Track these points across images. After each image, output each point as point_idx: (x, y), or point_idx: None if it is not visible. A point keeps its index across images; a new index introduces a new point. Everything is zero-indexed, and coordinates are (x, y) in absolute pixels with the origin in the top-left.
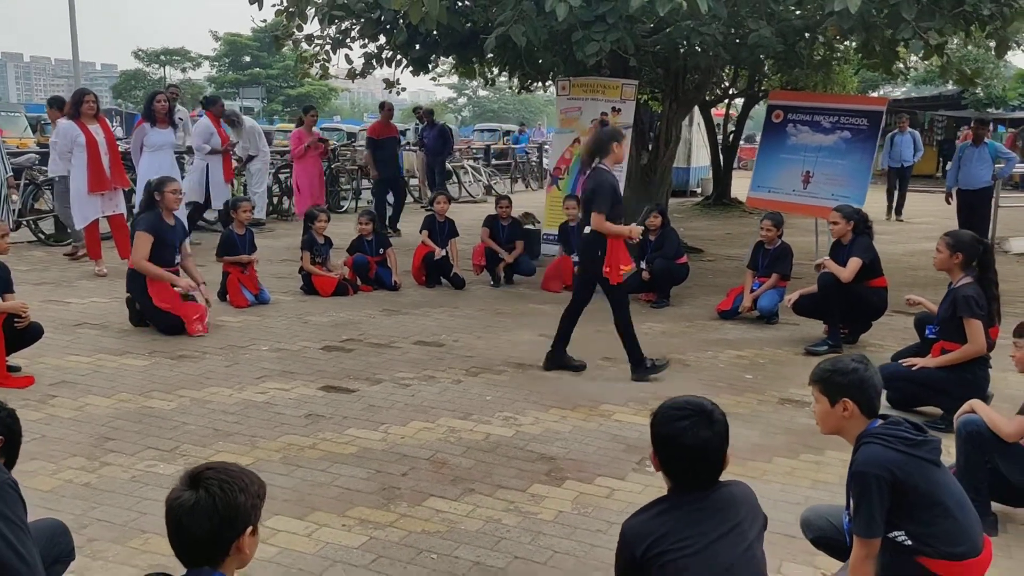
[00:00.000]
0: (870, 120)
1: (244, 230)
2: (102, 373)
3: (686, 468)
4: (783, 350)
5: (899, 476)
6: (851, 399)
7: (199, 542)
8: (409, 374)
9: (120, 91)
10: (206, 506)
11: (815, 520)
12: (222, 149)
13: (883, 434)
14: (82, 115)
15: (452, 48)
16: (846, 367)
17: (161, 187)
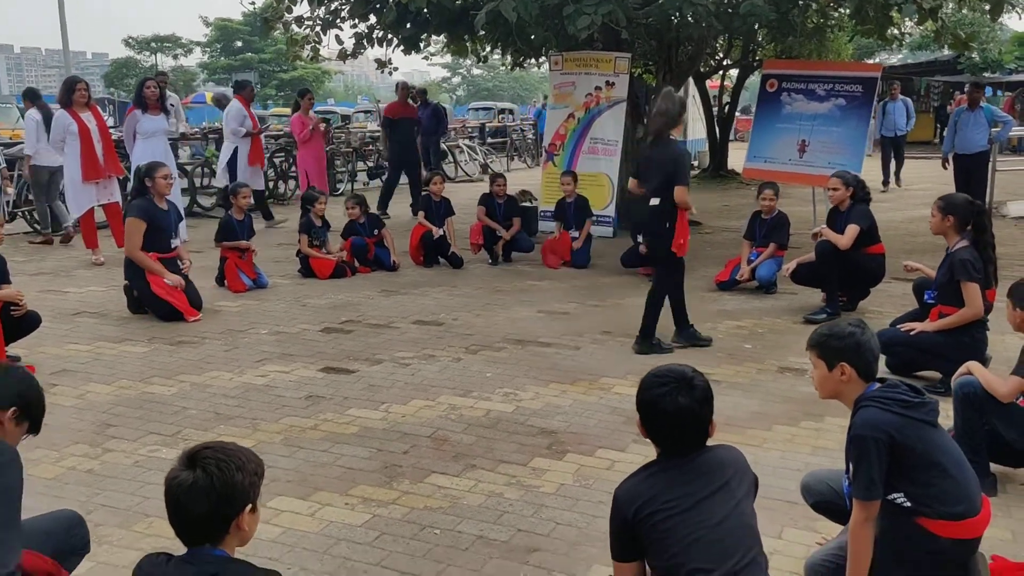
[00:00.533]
0: (865, 87)
1: (243, 216)
2: (102, 361)
3: (668, 434)
4: (782, 319)
5: (897, 438)
6: (848, 363)
7: (198, 521)
8: (409, 353)
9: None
10: (203, 485)
11: (815, 485)
12: (253, 132)
13: (880, 397)
14: (74, 103)
15: (443, 26)
16: (843, 331)
17: (151, 172)
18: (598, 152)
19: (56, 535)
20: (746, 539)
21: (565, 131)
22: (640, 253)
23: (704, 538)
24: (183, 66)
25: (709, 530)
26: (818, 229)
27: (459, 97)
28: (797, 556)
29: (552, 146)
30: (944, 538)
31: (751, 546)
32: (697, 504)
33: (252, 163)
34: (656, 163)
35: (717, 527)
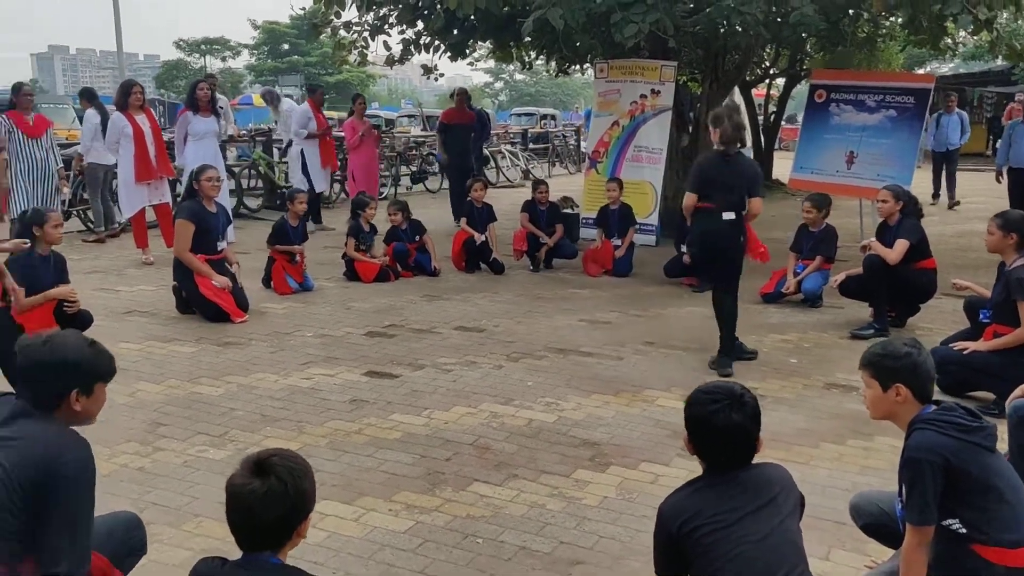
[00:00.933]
0: (917, 98)
1: (298, 221)
2: (152, 359)
3: (718, 450)
4: (828, 334)
5: (953, 462)
6: (904, 384)
7: (268, 528)
8: (451, 359)
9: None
10: (279, 493)
11: (865, 506)
12: (317, 134)
13: (937, 420)
14: (130, 106)
15: (489, 32)
16: (898, 351)
17: (198, 175)
18: (642, 160)
19: (116, 536)
20: (791, 556)
21: (609, 138)
22: (684, 263)
23: (748, 554)
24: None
25: (753, 546)
26: (867, 242)
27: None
28: None
29: (596, 153)
30: (999, 566)
31: (796, 563)
32: (742, 519)
33: (324, 165)
34: (735, 176)
35: (761, 543)
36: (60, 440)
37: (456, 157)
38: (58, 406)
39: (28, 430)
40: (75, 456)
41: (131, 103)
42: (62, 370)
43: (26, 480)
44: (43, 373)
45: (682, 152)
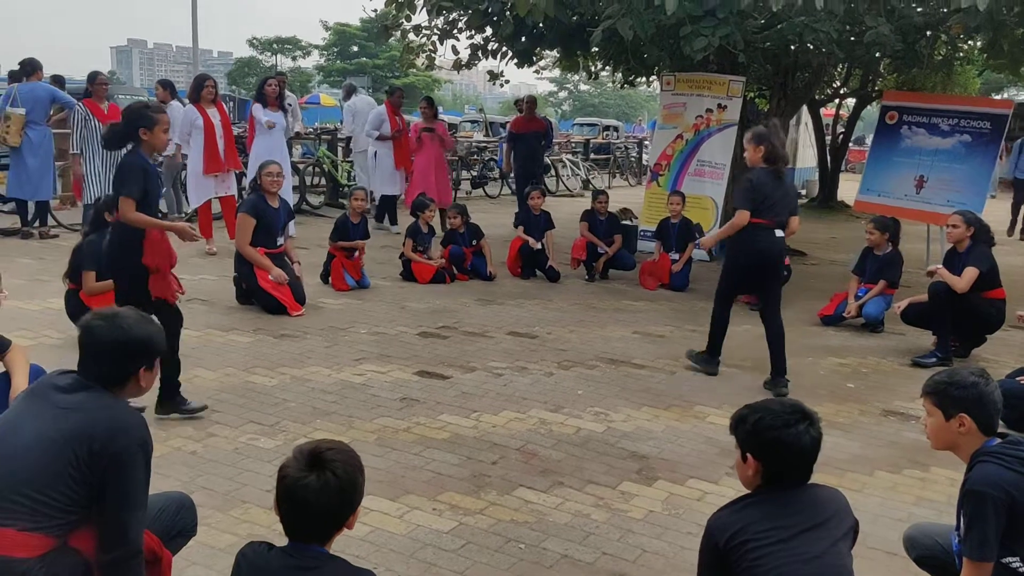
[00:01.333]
0: (993, 124)
1: (359, 218)
2: (210, 347)
3: (792, 469)
4: (888, 360)
5: (1017, 498)
6: (968, 414)
7: (318, 521)
8: (502, 364)
9: (235, 78)
10: (334, 487)
11: (920, 539)
12: (390, 135)
13: (1002, 453)
14: (202, 99)
15: (557, 40)
16: (965, 380)
17: (260, 169)
18: (704, 175)
19: (166, 516)
20: None
21: (672, 151)
22: None
23: (797, 572)
24: (300, 67)
25: (802, 564)
26: (933, 268)
27: (564, 112)
28: None
29: (658, 166)
30: None
31: None
32: (793, 538)
33: (398, 166)
34: (787, 194)
35: (811, 563)
36: (123, 416)
37: (524, 164)
38: (125, 383)
39: (90, 403)
40: (137, 433)
41: (203, 96)
42: (135, 348)
43: (85, 453)
44: (116, 352)
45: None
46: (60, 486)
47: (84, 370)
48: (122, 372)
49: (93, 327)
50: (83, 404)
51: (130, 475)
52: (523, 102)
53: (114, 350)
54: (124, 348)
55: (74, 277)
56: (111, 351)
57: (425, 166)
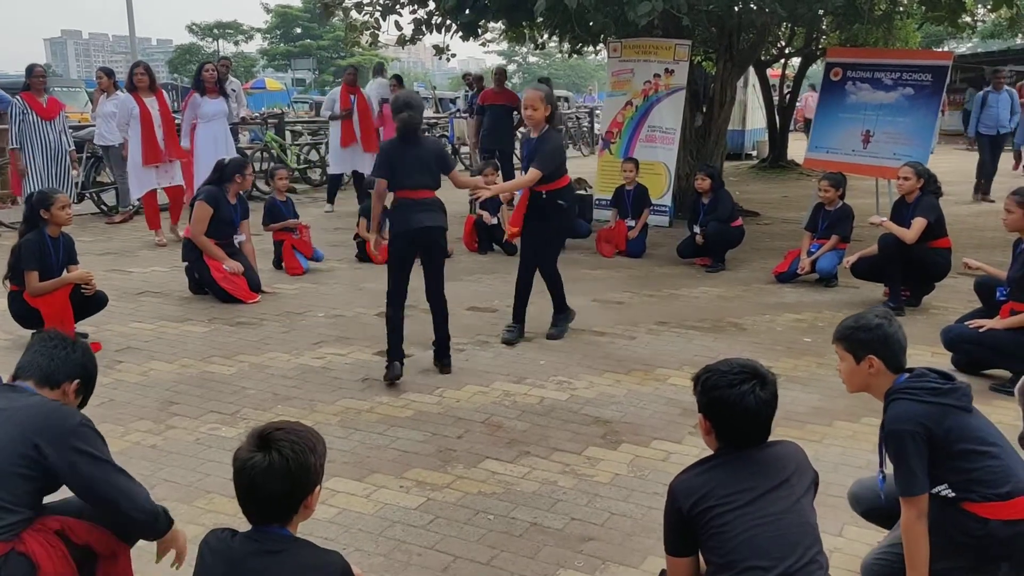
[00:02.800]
0: (934, 76)
1: (285, 197)
2: (164, 339)
3: (740, 429)
4: (842, 313)
5: (931, 428)
6: (876, 355)
7: (270, 502)
8: (463, 339)
9: (176, 65)
10: (280, 468)
11: (862, 493)
12: (340, 115)
13: (911, 388)
14: (137, 88)
15: (501, 12)
16: (870, 323)
17: (239, 171)
18: (656, 140)
19: None
20: (806, 537)
21: (623, 119)
22: (697, 244)
23: (762, 534)
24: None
25: (767, 526)
26: (877, 219)
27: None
28: (858, 554)
29: (609, 134)
30: (994, 520)
31: (811, 544)
32: (756, 500)
33: (344, 144)
34: (417, 158)
35: (776, 523)
36: (57, 406)
37: (489, 137)
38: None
39: (19, 401)
40: (76, 415)
41: (136, 84)
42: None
43: (33, 446)
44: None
45: (695, 132)
46: (8, 486)
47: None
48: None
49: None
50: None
51: (93, 445)
52: (471, 76)
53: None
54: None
55: (15, 278)
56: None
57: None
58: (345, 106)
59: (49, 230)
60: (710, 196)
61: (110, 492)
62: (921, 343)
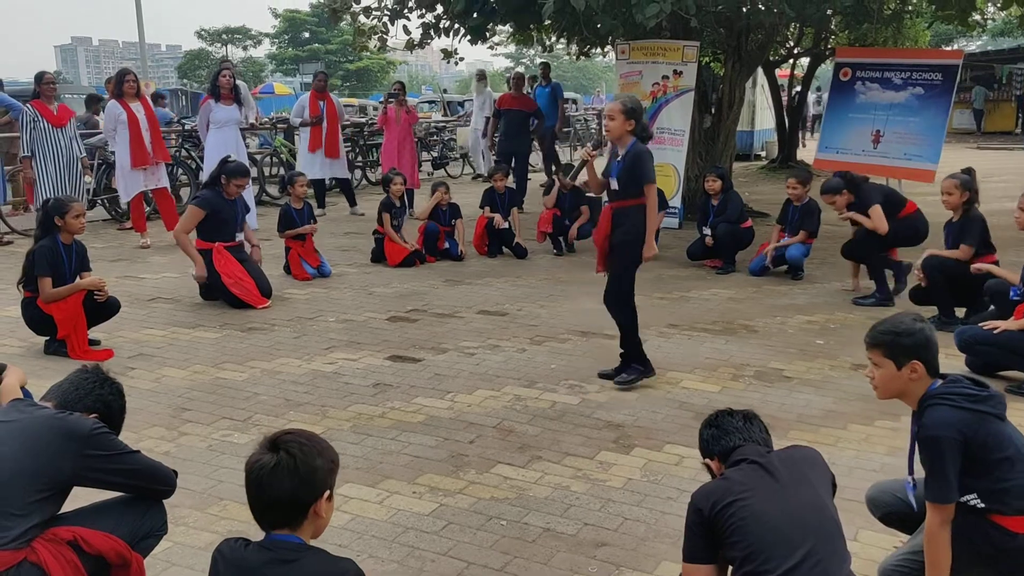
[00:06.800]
0: (944, 75)
1: (301, 204)
2: (176, 346)
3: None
4: (854, 315)
5: (968, 435)
6: (920, 360)
7: (278, 504)
8: (474, 343)
9: (185, 71)
10: (287, 466)
11: (881, 497)
12: (311, 122)
13: (948, 394)
14: (124, 94)
15: (509, 15)
16: (912, 327)
17: (231, 176)
18: (664, 142)
19: (132, 516)
20: (827, 527)
21: None
22: (707, 245)
23: (783, 524)
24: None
25: (788, 516)
26: (848, 215)
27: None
28: (873, 559)
29: None
30: (1020, 535)
31: (834, 535)
32: (776, 493)
33: (312, 149)
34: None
35: (797, 514)
36: (65, 414)
37: (505, 141)
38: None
39: (29, 413)
40: (89, 421)
41: (125, 91)
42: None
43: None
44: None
45: (704, 134)
46: (20, 495)
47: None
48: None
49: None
50: (23, 415)
51: (108, 447)
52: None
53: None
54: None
55: (28, 284)
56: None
57: (391, 147)
58: (315, 112)
59: (62, 237)
60: (720, 197)
61: (143, 477)
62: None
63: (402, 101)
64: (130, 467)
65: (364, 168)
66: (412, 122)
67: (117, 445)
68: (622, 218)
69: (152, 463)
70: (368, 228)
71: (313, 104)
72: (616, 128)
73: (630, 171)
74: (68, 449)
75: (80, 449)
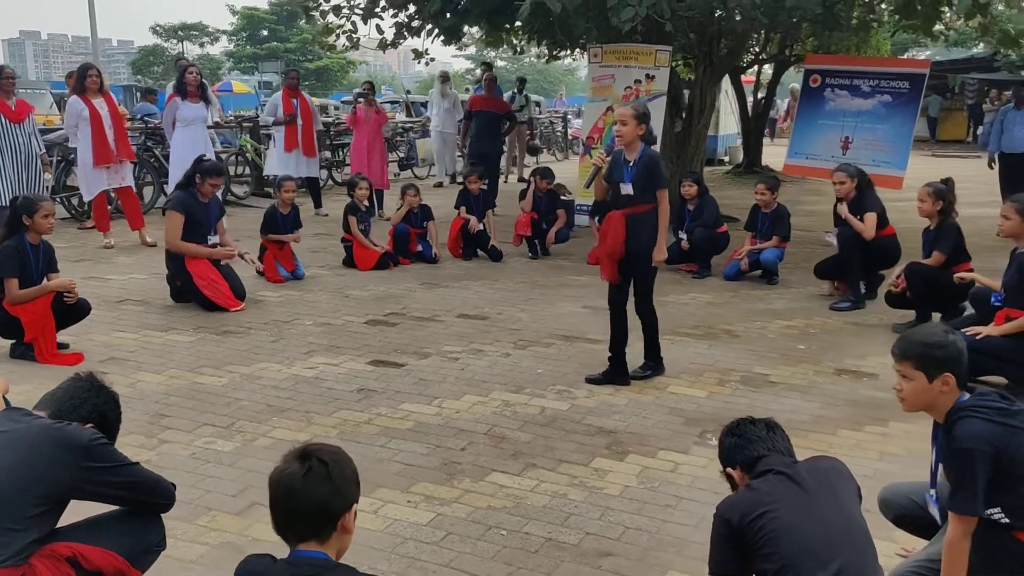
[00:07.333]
0: (911, 83)
1: (288, 208)
2: (150, 349)
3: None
4: (833, 320)
5: (1000, 448)
6: (952, 373)
7: (308, 513)
8: (456, 347)
9: (139, 67)
10: (319, 473)
11: (894, 499)
12: (283, 121)
13: (979, 406)
14: (87, 89)
15: (483, 16)
16: (944, 340)
17: (205, 175)
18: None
19: (131, 532)
20: (858, 539)
21: (604, 124)
22: (683, 249)
23: (815, 536)
24: (209, 54)
25: (820, 528)
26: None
27: None
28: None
29: (590, 139)
30: None
31: (865, 547)
32: (805, 505)
33: (288, 149)
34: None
35: (828, 526)
36: (61, 425)
37: (476, 143)
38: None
39: (23, 424)
40: (87, 432)
41: (88, 86)
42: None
43: (43, 468)
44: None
45: (676, 138)
46: (17, 510)
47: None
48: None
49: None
50: (17, 425)
51: (108, 458)
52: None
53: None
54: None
55: None
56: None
57: (360, 147)
58: (288, 110)
59: (29, 237)
60: (695, 202)
61: (143, 490)
62: None
63: (371, 101)
64: (130, 480)
65: (330, 168)
66: (382, 122)
67: (117, 457)
68: (638, 224)
69: (152, 476)
70: (337, 229)
71: (287, 102)
72: (628, 133)
73: (647, 177)
74: (66, 460)
75: (78, 460)
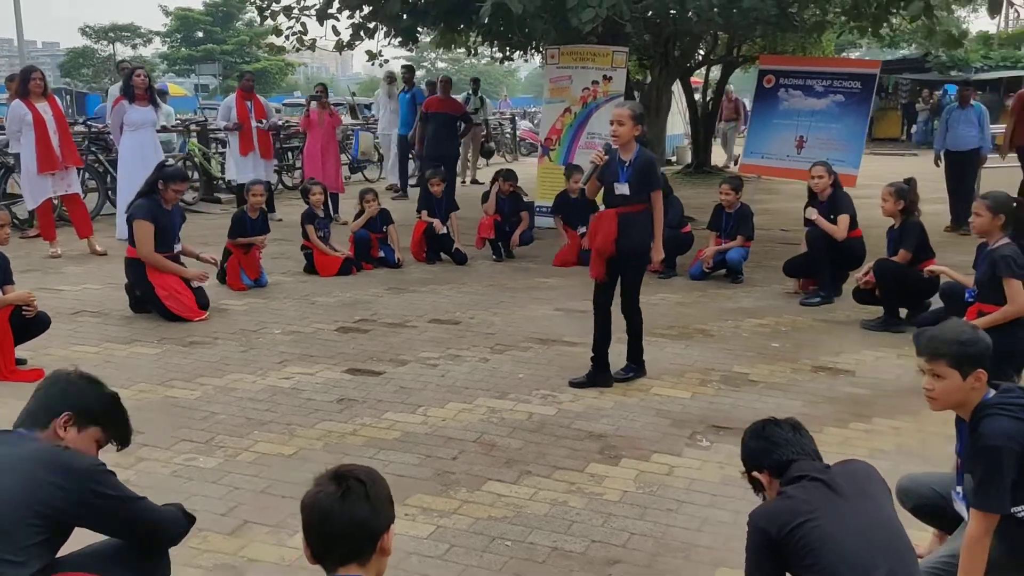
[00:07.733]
0: (863, 83)
1: (257, 213)
2: (113, 363)
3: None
4: (803, 317)
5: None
6: (985, 369)
7: (350, 534)
8: (433, 353)
9: (68, 69)
10: (358, 492)
11: (915, 488)
12: (234, 126)
13: (1005, 404)
14: (30, 93)
15: (441, 16)
16: (975, 336)
17: (168, 181)
18: (595, 147)
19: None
20: (898, 544)
21: (562, 125)
22: None
23: (857, 549)
24: (142, 56)
25: (862, 539)
26: (813, 215)
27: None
28: None
29: (548, 140)
30: None
31: (906, 557)
32: (845, 514)
33: (244, 152)
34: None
35: (869, 537)
36: (58, 449)
37: (432, 145)
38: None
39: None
40: (87, 459)
41: (31, 90)
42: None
43: (43, 495)
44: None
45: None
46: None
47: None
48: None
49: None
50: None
51: (112, 487)
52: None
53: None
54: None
55: None
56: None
57: (314, 150)
58: (242, 113)
59: None
60: None
61: (146, 527)
62: (888, 347)
63: (324, 104)
64: (132, 515)
65: (280, 172)
66: (335, 124)
67: (119, 487)
68: (630, 224)
69: (158, 516)
70: (293, 235)
71: (240, 105)
72: (625, 133)
73: (642, 178)
74: (67, 485)
75: (80, 485)
